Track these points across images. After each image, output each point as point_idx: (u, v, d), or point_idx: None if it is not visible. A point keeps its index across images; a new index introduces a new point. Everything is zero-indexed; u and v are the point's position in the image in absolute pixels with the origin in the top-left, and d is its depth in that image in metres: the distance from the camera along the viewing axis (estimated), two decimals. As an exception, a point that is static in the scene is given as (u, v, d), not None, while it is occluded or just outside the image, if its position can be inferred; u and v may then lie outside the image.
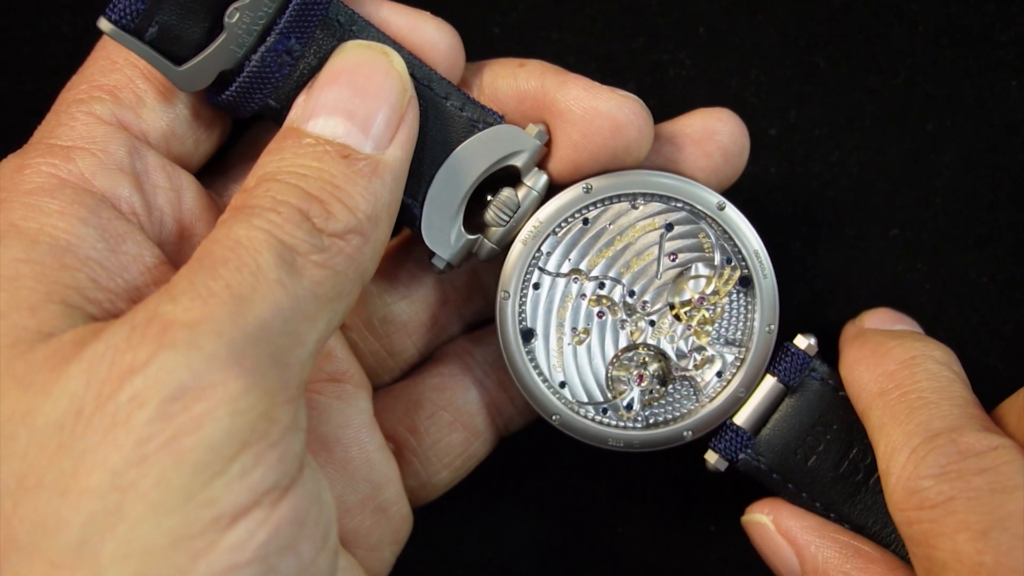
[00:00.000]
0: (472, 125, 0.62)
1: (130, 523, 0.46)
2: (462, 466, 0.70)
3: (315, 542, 0.50)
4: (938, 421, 0.60)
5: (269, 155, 0.56)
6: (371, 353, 0.69)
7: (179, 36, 0.57)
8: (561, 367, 0.65)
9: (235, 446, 0.47)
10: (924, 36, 0.76)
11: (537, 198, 0.63)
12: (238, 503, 0.47)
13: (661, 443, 0.65)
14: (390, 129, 0.57)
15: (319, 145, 0.55)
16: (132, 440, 0.46)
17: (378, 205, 0.55)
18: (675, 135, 0.65)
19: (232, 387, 0.47)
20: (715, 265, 0.65)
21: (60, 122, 0.57)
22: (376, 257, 0.56)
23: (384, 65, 0.58)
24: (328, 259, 0.52)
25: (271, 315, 0.49)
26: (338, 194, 0.54)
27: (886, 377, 0.63)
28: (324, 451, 0.65)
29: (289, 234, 0.52)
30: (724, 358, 0.65)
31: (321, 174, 0.54)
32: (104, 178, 0.56)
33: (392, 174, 0.56)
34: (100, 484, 0.46)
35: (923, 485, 0.58)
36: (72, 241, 0.53)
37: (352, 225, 0.54)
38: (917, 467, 0.59)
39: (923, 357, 0.63)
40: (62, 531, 0.46)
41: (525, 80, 0.63)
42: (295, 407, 0.50)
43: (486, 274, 0.70)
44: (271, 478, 0.48)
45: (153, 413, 0.46)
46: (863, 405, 0.64)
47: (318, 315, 0.52)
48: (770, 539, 0.66)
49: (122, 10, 0.55)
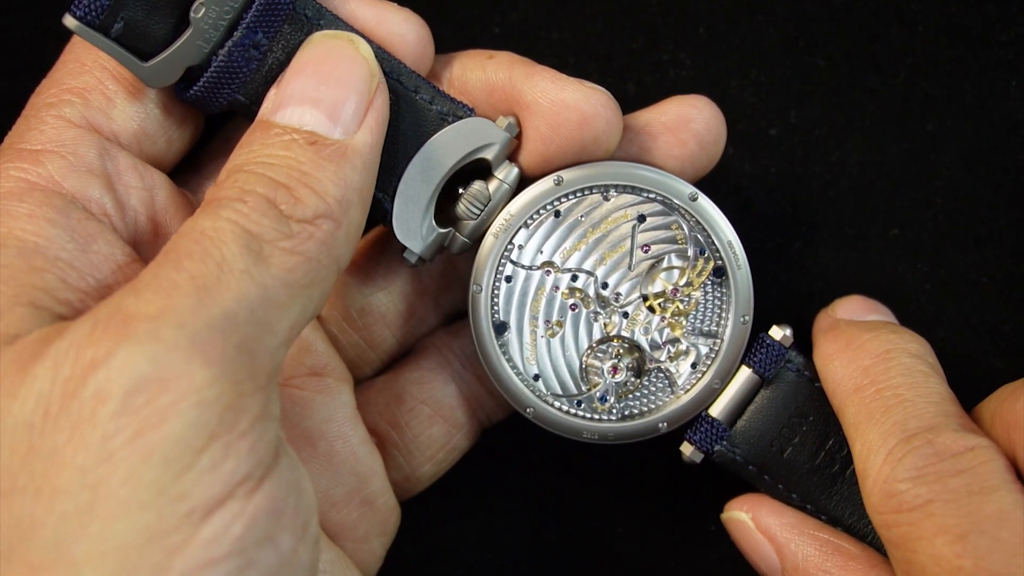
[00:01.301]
0: (442, 118, 0.62)
1: (102, 521, 0.46)
2: (444, 459, 0.70)
3: (294, 532, 0.49)
4: (914, 420, 0.60)
5: (239, 148, 0.56)
6: (351, 345, 0.69)
7: (145, 32, 0.58)
8: (535, 360, 0.65)
9: (203, 437, 0.46)
10: (924, 36, 0.75)
11: (508, 191, 0.64)
12: (211, 495, 0.47)
13: (636, 435, 0.65)
14: (358, 114, 0.57)
15: (287, 134, 0.56)
16: (98, 436, 0.46)
17: (348, 189, 0.55)
18: (649, 123, 0.65)
19: (197, 378, 0.47)
20: (688, 256, 0.65)
21: (30, 126, 0.58)
22: (351, 242, 0.56)
23: (350, 52, 0.58)
24: (297, 245, 0.52)
25: (236, 305, 0.49)
26: (306, 180, 0.54)
27: (861, 372, 0.63)
28: (308, 446, 0.66)
29: (255, 223, 0.52)
30: (699, 350, 0.65)
31: (288, 162, 0.55)
32: (74, 180, 0.56)
33: (362, 158, 0.56)
34: (70, 483, 0.46)
35: (900, 488, 0.58)
36: (40, 243, 0.53)
37: (322, 210, 0.54)
38: (894, 469, 0.58)
39: (898, 351, 0.63)
40: (37, 533, 0.46)
41: (493, 72, 0.63)
42: (265, 396, 0.49)
43: (462, 264, 0.70)
44: (243, 468, 0.48)
45: (117, 407, 0.46)
46: (838, 401, 0.63)
47: (290, 302, 0.52)
48: (750, 536, 0.66)
49: (87, 6, 0.56)
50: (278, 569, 0.49)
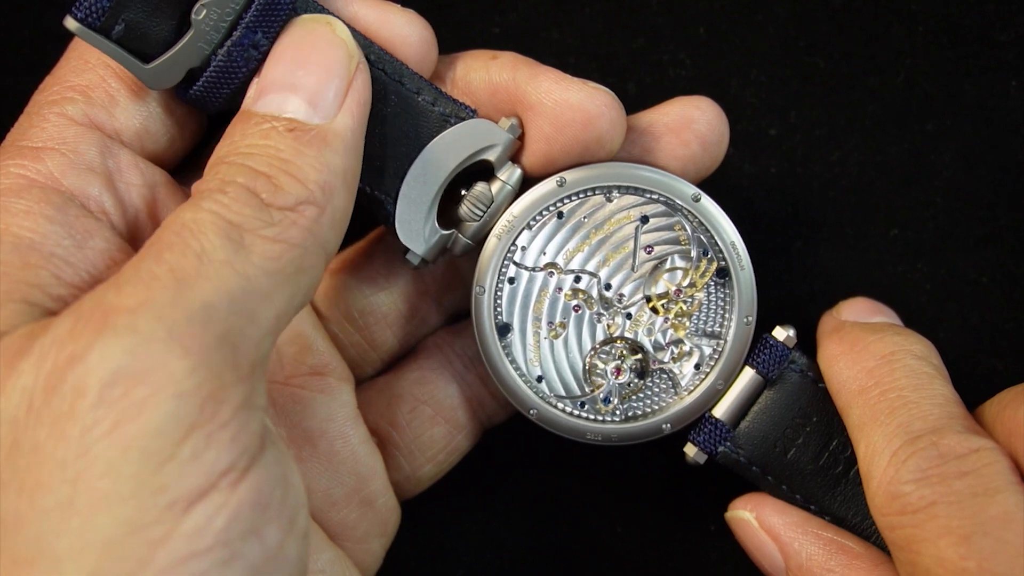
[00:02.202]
0: (444, 120, 0.62)
1: (83, 516, 0.46)
2: (445, 460, 0.70)
3: (281, 526, 0.49)
4: (919, 422, 0.60)
5: (222, 141, 0.56)
6: (352, 345, 0.69)
7: (146, 34, 0.58)
8: (538, 361, 0.65)
9: (183, 429, 0.46)
10: (924, 36, 0.75)
11: (511, 192, 0.64)
12: (192, 487, 0.46)
13: (640, 436, 0.65)
14: (338, 97, 0.57)
15: (266, 123, 0.56)
16: (77, 431, 0.46)
17: (330, 174, 0.55)
18: (652, 124, 0.65)
19: (175, 369, 0.47)
20: (691, 257, 0.65)
21: (32, 124, 0.57)
22: (337, 227, 0.55)
23: (327, 35, 0.58)
24: (280, 233, 0.52)
25: (216, 295, 0.49)
26: (286, 167, 0.54)
27: (866, 374, 0.63)
28: (309, 445, 0.66)
29: (236, 212, 0.51)
30: (702, 350, 0.65)
31: (267, 150, 0.54)
32: (73, 177, 0.56)
33: (343, 141, 0.56)
34: (51, 478, 0.46)
35: (905, 490, 0.58)
36: (36, 239, 0.53)
37: (303, 196, 0.53)
38: (898, 471, 0.58)
39: (902, 352, 0.63)
40: (22, 528, 0.46)
41: (497, 73, 0.63)
42: (249, 386, 0.49)
43: (464, 264, 0.70)
44: (225, 459, 0.47)
45: (94, 400, 0.46)
46: (843, 402, 0.63)
47: (274, 291, 0.51)
48: (754, 535, 0.66)
49: (88, 8, 0.56)
50: (264, 563, 0.48)
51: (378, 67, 0.61)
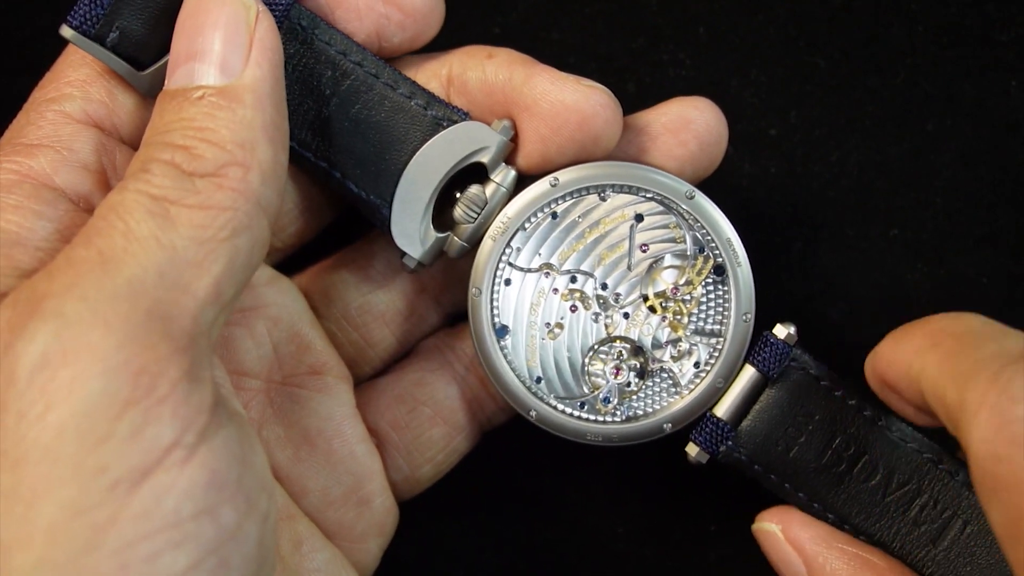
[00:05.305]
0: (437, 123, 0.62)
1: (25, 502, 0.46)
2: (444, 461, 0.70)
3: (236, 506, 0.49)
4: (1016, 345, 0.52)
5: (146, 128, 0.56)
6: (350, 343, 0.69)
7: (141, 41, 0.58)
8: (537, 362, 0.65)
9: (117, 405, 0.46)
10: (924, 36, 0.75)
11: (505, 194, 0.64)
12: (135, 465, 0.46)
13: (640, 436, 0.65)
14: (241, 52, 0.56)
15: (176, 97, 0.55)
16: (12, 418, 0.46)
17: (248, 131, 0.54)
18: (649, 124, 0.65)
19: (99, 346, 0.47)
20: (687, 255, 0.65)
21: (29, 121, 0.58)
22: (269, 182, 0.54)
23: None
24: (205, 200, 0.51)
25: (142, 271, 0.49)
26: (201, 135, 0.53)
27: (935, 332, 0.57)
28: (307, 443, 0.66)
29: (157, 187, 0.51)
30: (701, 349, 0.65)
31: (182, 124, 0.54)
32: (66, 174, 0.57)
33: (253, 94, 0.55)
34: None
35: (1018, 413, 0.48)
36: (23, 234, 0.54)
37: (224, 159, 0.53)
38: (1004, 392, 0.49)
39: (965, 314, 0.57)
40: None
41: (493, 73, 0.63)
42: (189, 358, 0.49)
43: (462, 262, 0.69)
44: (168, 435, 0.47)
45: (23, 387, 0.46)
46: (920, 364, 0.57)
47: (207, 259, 0.51)
48: (779, 548, 0.65)
49: (83, 16, 0.57)
50: (219, 544, 0.48)
51: (371, 72, 0.61)
